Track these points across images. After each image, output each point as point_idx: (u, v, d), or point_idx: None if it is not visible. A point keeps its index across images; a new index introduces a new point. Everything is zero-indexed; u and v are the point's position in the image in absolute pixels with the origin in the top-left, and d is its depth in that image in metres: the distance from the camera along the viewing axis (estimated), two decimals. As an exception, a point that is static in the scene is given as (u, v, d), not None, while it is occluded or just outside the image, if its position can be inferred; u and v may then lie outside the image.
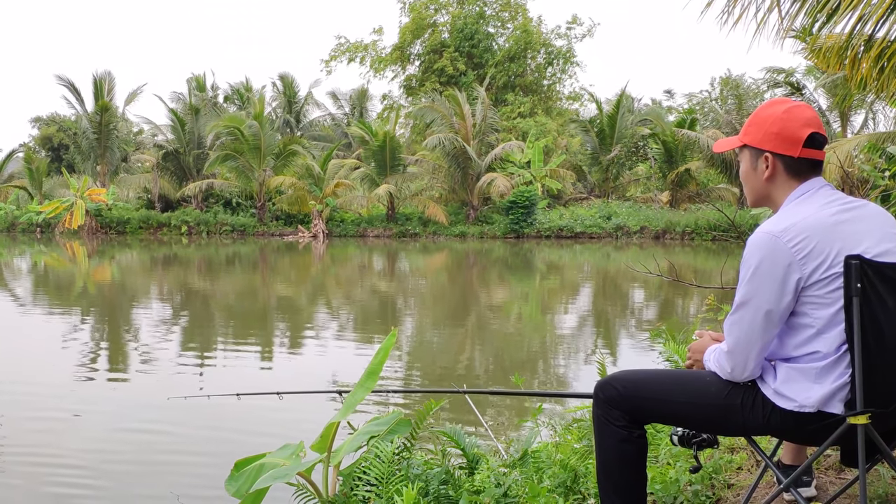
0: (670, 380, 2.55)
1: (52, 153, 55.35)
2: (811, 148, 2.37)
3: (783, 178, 2.41)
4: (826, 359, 2.26)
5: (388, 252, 31.70)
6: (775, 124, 2.38)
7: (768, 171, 2.41)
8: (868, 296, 2.18)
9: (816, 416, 2.28)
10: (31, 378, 9.58)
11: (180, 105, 43.95)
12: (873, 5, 5.13)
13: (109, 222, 38.70)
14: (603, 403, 2.51)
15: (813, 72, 32.61)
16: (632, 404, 2.48)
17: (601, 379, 2.58)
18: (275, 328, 14.22)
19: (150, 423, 7.75)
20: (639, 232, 36.73)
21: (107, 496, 5.90)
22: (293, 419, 7.72)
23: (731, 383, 2.41)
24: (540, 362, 11.20)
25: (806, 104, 2.41)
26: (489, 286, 21.48)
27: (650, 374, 2.60)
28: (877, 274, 2.19)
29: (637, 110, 44.52)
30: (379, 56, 52.38)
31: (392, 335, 3.89)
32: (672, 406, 2.48)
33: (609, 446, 2.52)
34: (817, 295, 2.25)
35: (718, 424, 2.49)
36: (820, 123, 2.39)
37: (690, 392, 2.46)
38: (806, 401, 2.27)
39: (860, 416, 2.18)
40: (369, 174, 39.00)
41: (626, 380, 2.53)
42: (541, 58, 51.32)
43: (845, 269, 2.20)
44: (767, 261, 2.27)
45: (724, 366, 2.41)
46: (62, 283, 21.79)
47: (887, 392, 2.24)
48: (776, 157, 2.39)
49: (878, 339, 2.20)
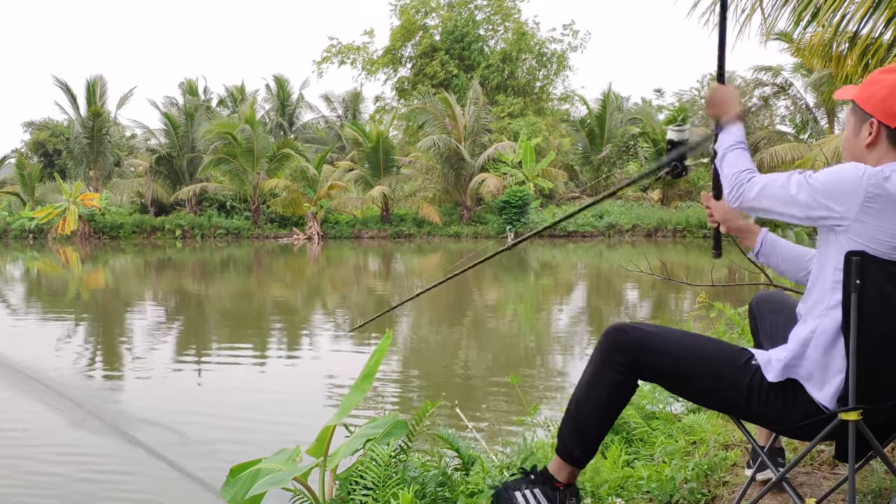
0: (685, 341, 2.52)
1: (45, 158, 55.17)
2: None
3: (885, 148, 2.34)
4: (832, 331, 2.27)
5: (382, 253, 31.71)
6: (883, 90, 2.33)
7: (871, 138, 2.35)
8: (868, 291, 2.18)
9: (810, 408, 2.30)
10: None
11: (173, 109, 43.87)
12: (856, 3, 5.16)
13: (103, 227, 38.60)
14: (609, 346, 2.50)
15: (800, 69, 32.68)
16: (639, 355, 2.48)
17: (617, 322, 2.57)
18: (270, 331, 14.22)
19: (145, 428, 7.74)
20: (631, 230, 36.83)
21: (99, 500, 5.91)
22: (289, 423, 7.72)
23: (745, 357, 2.41)
24: (536, 360, 11.23)
25: None
26: (484, 286, 21.49)
27: (668, 330, 2.58)
28: (880, 270, 2.18)
29: (627, 110, 44.57)
30: (370, 59, 52.35)
31: (387, 337, 3.89)
32: (679, 365, 2.46)
33: (599, 385, 2.52)
34: (870, 231, 2.22)
35: (718, 398, 2.49)
36: None
37: (703, 358, 2.45)
38: (804, 371, 2.31)
39: (852, 413, 2.18)
40: (363, 176, 38.99)
41: (641, 329, 2.52)
42: (533, 60, 51.37)
43: (846, 264, 2.20)
44: (847, 177, 2.24)
45: (737, 193, 2.46)
46: (55, 289, 21.73)
47: (880, 389, 2.24)
48: (881, 126, 2.33)
49: (878, 336, 2.20)
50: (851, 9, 5.23)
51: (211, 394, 9.36)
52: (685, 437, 4.21)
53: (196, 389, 9.69)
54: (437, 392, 9.10)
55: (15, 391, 9.25)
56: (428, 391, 9.42)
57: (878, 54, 5.74)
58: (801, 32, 6.02)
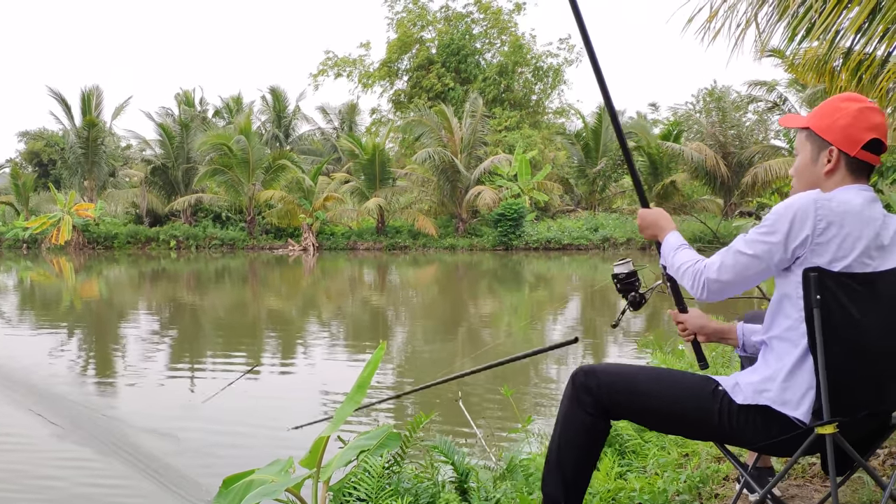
0: (652, 376, 2.55)
1: (40, 168, 55.18)
2: (868, 151, 2.38)
3: (842, 175, 2.40)
4: (800, 353, 2.29)
5: (378, 265, 31.70)
6: (844, 119, 2.37)
7: (830, 166, 2.40)
8: (829, 306, 2.20)
9: (785, 424, 2.31)
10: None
11: (169, 120, 43.87)
12: (850, 19, 5.20)
13: (97, 237, 38.54)
14: (579, 386, 2.52)
15: (794, 84, 32.79)
16: (606, 395, 2.49)
17: (584, 364, 2.60)
18: (265, 341, 14.20)
19: (138, 437, 7.73)
20: (626, 243, 36.86)
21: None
22: (283, 433, 7.72)
23: (712, 387, 2.43)
24: (530, 373, 11.23)
25: (880, 110, 2.41)
26: (479, 298, 21.50)
27: (632, 368, 2.61)
28: (838, 284, 2.21)
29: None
30: (367, 71, 52.49)
31: (381, 348, 3.90)
32: (647, 402, 2.48)
33: (572, 429, 2.54)
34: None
35: (693, 428, 2.51)
36: (885, 131, 2.40)
37: (671, 390, 2.47)
38: (775, 395, 2.32)
39: (828, 426, 2.20)
40: (359, 188, 39.02)
41: (606, 371, 2.54)
42: (530, 74, 51.55)
43: (804, 280, 2.23)
44: (791, 212, 2.29)
45: (699, 284, 2.46)
46: (49, 299, 21.69)
47: (854, 402, 2.26)
48: (841, 153, 2.38)
49: (842, 349, 2.22)
50: (846, 24, 5.25)
51: (205, 403, 9.34)
52: (678, 449, 4.23)
53: (190, 399, 9.68)
54: (431, 402, 9.12)
55: (9, 400, 9.24)
56: (422, 401, 9.42)
57: (872, 69, 5.79)
58: (795, 48, 6.06)
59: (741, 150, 36.91)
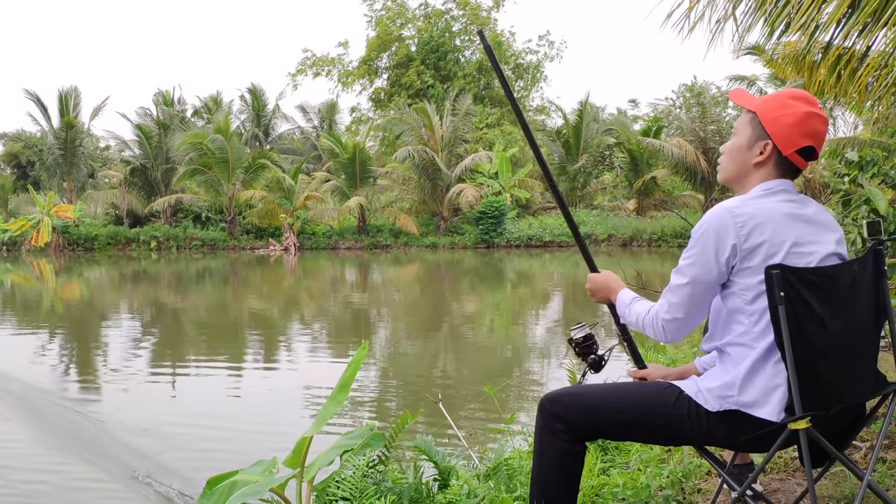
0: (616, 393, 2.57)
1: (18, 170, 54.78)
2: (800, 156, 2.40)
3: (768, 169, 2.43)
4: (757, 355, 2.31)
5: (359, 264, 31.67)
6: (791, 118, 2.39)
7: (761, 158, 2.42)
8: (793, 302, 2.21)
9: (756, 422, 2.32)
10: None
11: (148, 120, 43.59)
12: (828, 14, 5.22)
13: (77, 239, 38.28)
14: (548, 416, 2.53)
15: (775, 80, 32.96)
16: (577, 418, 2.51)
17: (548, 392, 2.59)
18: (246, 342, 14.17)
19: (121, 438, 7.69)
20: (607, 240, 37.02)
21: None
22: (266, 434, 7.71)
23: (675, 394, 2.45)
24: (513, 370, 11.25)
25: (825, 118, 2.42)
26: (461, 296, 21.53)
27: (596, 387, 2.63)
28: (799, 280, 2.22)
29: (602, 120, 44.82)
30: (346, 70, 52.45)
31: (363, 348, 3.89)
32: (618, 417, 2.50)
33: (549, 458, 2.54)
34: (752, 283, 2.31)
35: (666, 435, 2.53)
36: (822, 141, 2.43)
37: (636, 404, 2.49)
38: (739, 398, 2.33)
39: (800, 422, 2.21)
40: (339, 186, 38.95)
41: (572, 394, 2.56)
42: (510, 71, 51.67)
43: (766, 279, 2.23)
44: (711, 229, 2.33)
45: (659, 329, 2.49)
46: (29, 302, 21.54)
47: (824, 395, 2.27)
48: (776, 149, 2.40)
49: (808, 344, 2.24)
50: (824, 18, 5.27)
51: (187, 404, 9.34)
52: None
53: (172, 400, 9.67)
54: (415, 400, 9.13)
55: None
56: (405, 400, 9.43)
57: (852, 63, 5.81)
58: (774, 43, 6.06)
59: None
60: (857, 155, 8.02)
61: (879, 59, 5.55)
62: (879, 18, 5.00)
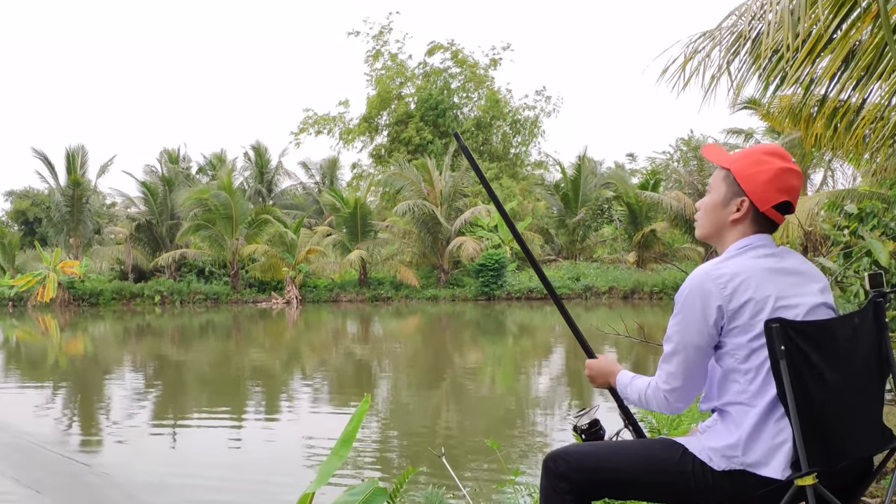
0: (619, 450, 2.55)
1: (26, 227, 55.10)
2: (777, 211, 2.40)
3: (745, 225, 2.43)
4: (758, 414, 2.29)
5: (361, 316, 31.76)
6: (766, 174, 2.38)
7: (738, 215, 2.42)
8: (793, 356, 2.19)
9: (762, 480, 2.28)
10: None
11: (153, 177, 44.02)
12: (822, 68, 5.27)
13: (82, 294, 38.45)
14: (552, 476, 2.51)
15: (771, 133, 33.34)
16: (581, 477, 2.49)
17: (551, 451, 2.57)
18: (248, 395, 14.24)
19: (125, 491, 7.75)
20: (607, 292, 37.11)
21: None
22: (269, 486, 7.77)
23: (680, 451, 2.43)
24: (516, 424, 11.28)
25: (800, 173, 2.42)
26: (463, 349, 21.60)
27: (600, 445, 2.63)
28: (799, 333, 2.21)
29: (600, 174, 45.18)
30: (347, 127, 53.12)
31: (365, 401, 3.99)
32: (622, 475, 2.49)
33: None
34: (743, 342, 2.30)
35: (670, 493, 2.48)
36: (797, 196, 2.43)
37: (640, 461, 2.48)
38: (744, 459, 2.31)
39: (807, 478, 2.18)
40: (341, 240, 39.25)
41: (575, 453, 2.54)
42: (507, 127, 52.26)
43: (767, 333, 2.21)
44: (694, 293, 2.34)
45: (662, 400, 2.48)
46: (34, 357, 21.66)
47: (830, 450, 2.25)
48: (752, 206, 2.40)
49: (810, 398, 2.21)
50: (818, 73, 5.29)
51: (190, 457, 9.35)
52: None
53: (174, 452, 9.71)
54: (418, 454, 9.15)
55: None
56: (408, 454, 9.43)
57: (847, 116, 5.81)
58: (770, 97, 6.14)
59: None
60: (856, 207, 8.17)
61: (875, 112, 5.61)
62: (873, 73, 5.09)
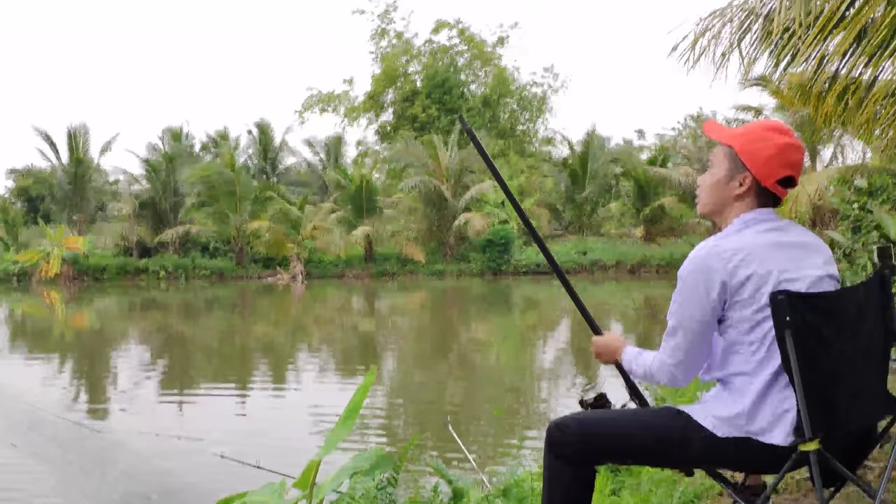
0: (623, 418, 2.57)
1: (29, 204, 55.01)
2: (780, 185, 2.42)
3: (748, 200, 2.44)
4: (762, 384, 2.31)
5: (366, 292, 31.70)
6: (769, 150, 2.40)
7: (742, 190, 2.44)
8: (799, 327, 2.21)
9: (765, 447, 2.31)
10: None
11: (156, 154, 43.80)
12: (835, 45, 5.22)
13: (86, 270, 38.36)
14: (556, 441, 2.53)
15: (782, 109, 33.05)
16: (585, 443, 2.50)
17: (556, 418, 2.60)
18: (255, 367, 14.21)
19: (130, 462, 7.68)
20: (614, 266, 36.98)
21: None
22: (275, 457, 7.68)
23: (684, 418, 2.44)
24: (522, 396, 11.24)
25: (801, 147, 2.45)
26: (469, 322, 21.53)
27: (604, 413, 2.64)
28: (806, 305, 2.23)
29: (609, 150, 44.93)
30: (352, 105, 52.79)
31: (371, 373, 3.91)
32: (626, 442, 2.50)
33: (558, 482, 2.52)
34: (746, 315, 2.32)
35: (673, 459, 2.54)
36: (800, 169, 2.45)
37: (644, 428, 2.49)
38: (748, 427, 2.32)
39: (810, 444, 2.21)
40: (346, 217, 39.04)
41: (580, 420, 2.56)
42: (514, 104, 51.92)
43: (773, 305, 2.23)
44: (697, 269, 2.35)
45: (668, 374, 2.50)
46: (40, 330, 21.60)
47: (833, 417, 2.27)
48: (755, 181, 2.41)
49: (816, 368, 2.23)
50: (830, 49, 5.24)
51: (196, 427, 9.31)
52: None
53: (181, 422, 9.68)
54: (424, 423, 9.13)
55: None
56: (414, 423, 9.43)
57: (858, 93, 5.78)
58: (780, 74, 6.06)
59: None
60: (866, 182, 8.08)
61: (886, 89, 5.55)
62: (885, 50, 5.02)
